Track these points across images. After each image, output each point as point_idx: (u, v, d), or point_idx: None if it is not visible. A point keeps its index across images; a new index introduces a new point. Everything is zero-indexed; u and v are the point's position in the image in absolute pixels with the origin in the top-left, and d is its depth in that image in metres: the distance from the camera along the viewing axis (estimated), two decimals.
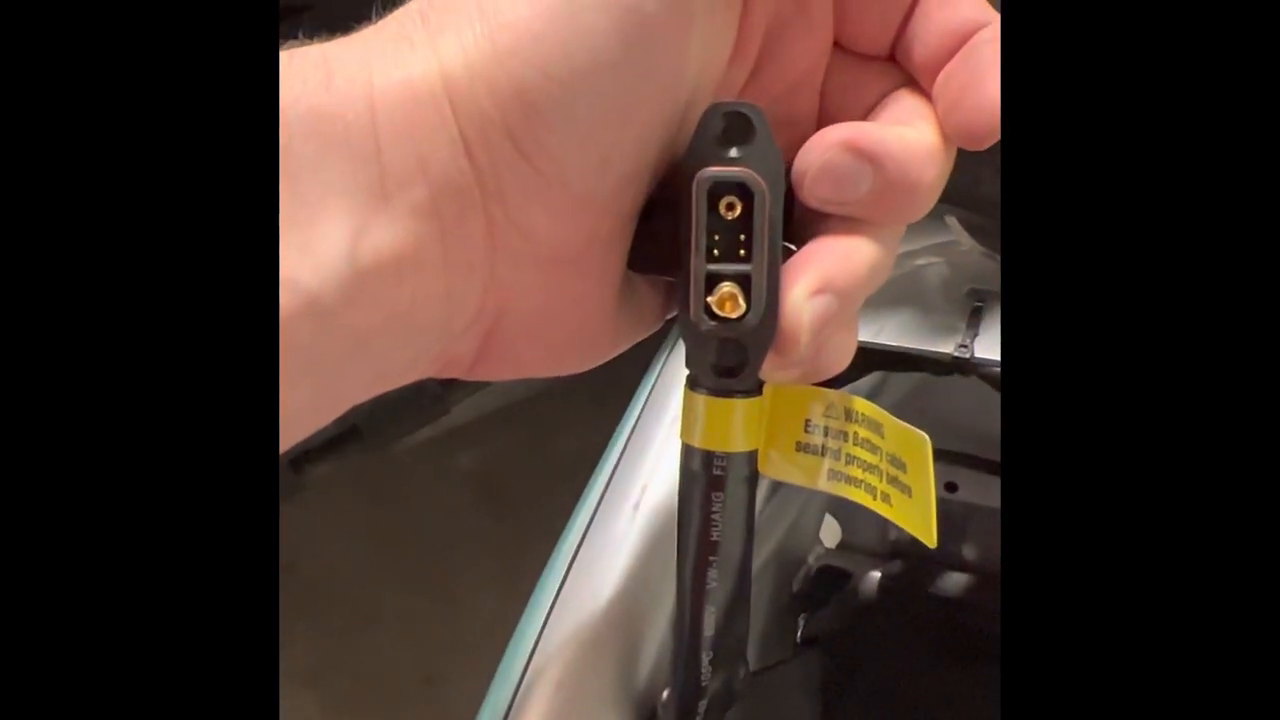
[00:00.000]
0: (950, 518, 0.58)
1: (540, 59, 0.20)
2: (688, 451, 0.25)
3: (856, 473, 0.26)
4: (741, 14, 0.23)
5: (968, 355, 0.40)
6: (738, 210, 0.22)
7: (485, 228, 0.22)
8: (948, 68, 0.23)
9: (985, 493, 0.55)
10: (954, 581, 0.58)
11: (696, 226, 0.22)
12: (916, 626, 0.57)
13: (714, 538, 0.26)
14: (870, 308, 0.42)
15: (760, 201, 0.22)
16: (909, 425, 0.25)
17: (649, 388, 0.43)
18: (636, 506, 0.36)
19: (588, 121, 0.21)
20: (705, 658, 0.28)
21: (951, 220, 0.41)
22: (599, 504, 0.36)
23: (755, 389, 0.24)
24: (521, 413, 1.43)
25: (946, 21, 0.23)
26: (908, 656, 0.56)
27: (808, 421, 0.26)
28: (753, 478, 0.26)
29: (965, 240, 0.41)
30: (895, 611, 0.58)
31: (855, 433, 0.26)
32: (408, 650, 1.25)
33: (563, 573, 0.34)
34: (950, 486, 0.56)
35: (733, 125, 0.22)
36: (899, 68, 0.25)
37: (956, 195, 0.39)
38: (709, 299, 0.22)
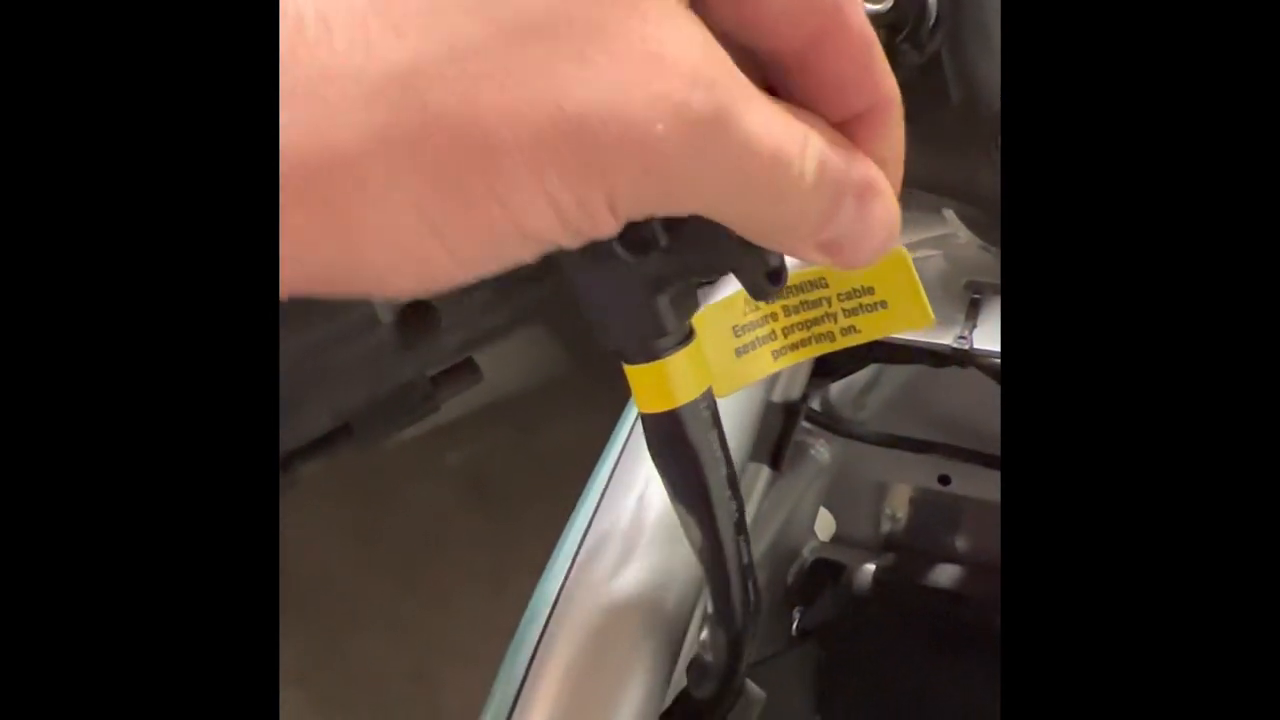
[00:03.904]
0: (943, 510, 0.59)
1: None
2: (655, 419, 0.25)
3: (802, 335, 0.29)
4: None
5: (966, 347, 0.40)
6: None
7: None
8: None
9: (978, 486, 0.55)
10: (947, 573, 0.59)
11: None
12: (910, 618, 0.58)
13: (726, 473, 0.26)
14: None
15: None
16: None
17: None
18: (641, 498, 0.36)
19: None
20: (749, 583, 0.28)
21: (949, 213, 0.41)
22: (603, 494, 0.36)
23: (691, 333, 0.24)
24: (509, 409, 1.43)
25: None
26: (901, 647, 0.56)
27: (735, 328, 0.29)
28: (714, 409, 0.26)
29: (963, 233, 0.42)
30: (889, 603, 0.58)
31: (784, 307, 0.29)
32: (397, 648, 1.25)
33: (571, 554, 0.34)
34: (944, 479, 0.57)
35: None
36: None
37: (954, 189, 0.40)
38: None
